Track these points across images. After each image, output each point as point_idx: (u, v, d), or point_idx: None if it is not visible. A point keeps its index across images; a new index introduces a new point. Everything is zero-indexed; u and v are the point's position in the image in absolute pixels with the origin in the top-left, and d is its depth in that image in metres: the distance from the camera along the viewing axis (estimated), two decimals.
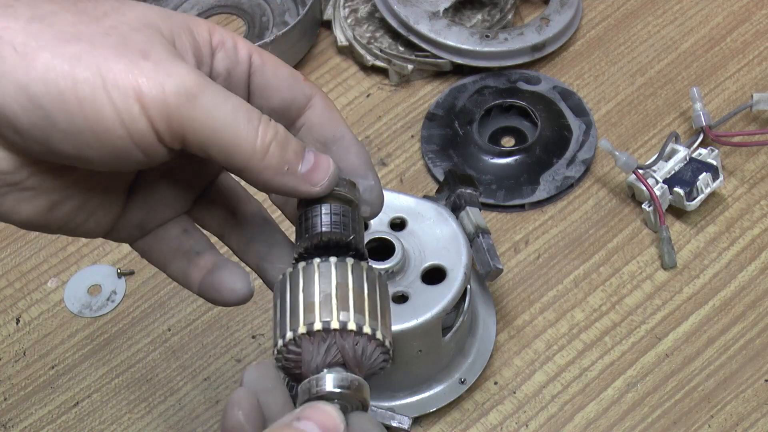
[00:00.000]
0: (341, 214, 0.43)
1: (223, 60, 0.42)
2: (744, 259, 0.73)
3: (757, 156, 0.78)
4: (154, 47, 0.38)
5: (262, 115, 0.40)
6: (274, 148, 0.39)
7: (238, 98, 0.39)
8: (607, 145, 0.74)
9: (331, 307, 0.39)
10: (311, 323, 0.39)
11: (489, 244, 0.67)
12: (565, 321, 0.71)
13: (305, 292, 0.40)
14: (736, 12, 0.87)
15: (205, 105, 0.38)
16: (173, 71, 0.37)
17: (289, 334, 0.39)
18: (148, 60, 0.37)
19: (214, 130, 0.38)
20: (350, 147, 0.44)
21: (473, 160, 0.79)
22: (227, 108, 0.38)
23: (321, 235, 0.42)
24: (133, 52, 0.37)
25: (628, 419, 0.67)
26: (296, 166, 0.40)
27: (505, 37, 0.83)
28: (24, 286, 0.76)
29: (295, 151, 0.40)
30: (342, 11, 0.87)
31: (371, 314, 0.40)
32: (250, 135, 0.39)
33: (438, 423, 0.68)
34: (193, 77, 0.38)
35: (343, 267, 0.41)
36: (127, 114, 0.37)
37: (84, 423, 0.70)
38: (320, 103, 0.44)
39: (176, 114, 0.37)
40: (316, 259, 0.41)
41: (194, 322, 0.74)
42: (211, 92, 0.38)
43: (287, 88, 0.43)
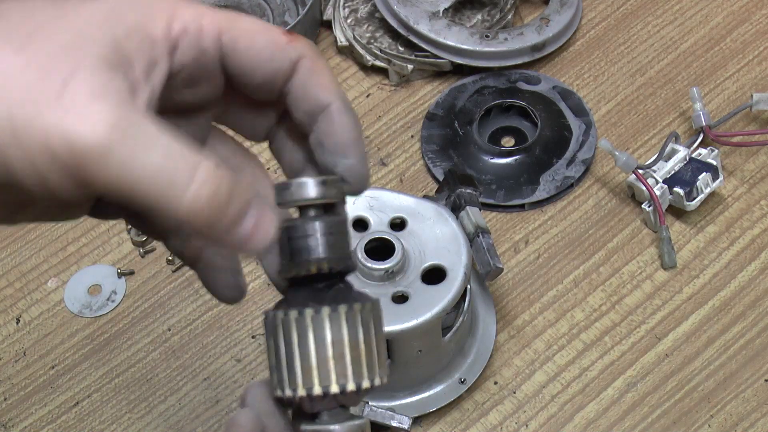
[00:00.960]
0: (333, 233, 0.40)
1: (188, 50, 0.38)
2: (744, 259, 0.73)
3: (757, 156, 0.78)
4: (75, 82, 0.33)
5: (202, 162, 0.34)
6: (207, 211, 0.35)
7: (170, 143, 0.34)
8: (607, 145, 0.74)
9: (328, 372, 0.39)
10: (310, 388, 0.39)
11: (489, 244, 0.67)
12: (565, 321, 0.71)
13: (301, 351, 0.39)
14: (736, 12, 0.87)
15: (118, 159, 0.33)
16: (86, 117, 0.33)
17: (288, 392, 0.39)
18: (60, 103, 0.33)
19: (129, 186, 0.33)
20: (335, 119, 0.40)
21: (473, 160, 0.79)
22: (150, 160, 0.33)
23: (316, 263, 0.40)
24: (49, 91, 0.33)
25: (628, 419, 0.67)
26: (229, 229, 0.36)
27: (505, 37, 0.83)
28: (24, 286, 0.76)
29: (234, 213, 0.35)
30: (342, 11, 0.87)
31: (369, 365, 0.40)
32: (175, 194, 0.34)
33: (438, 423, 0.68)
34: (105, 126, 0.33)
35: (337, 318, 0.39)
36: (35, 161, 0.33)
37: (84, 423, 0.70)
38: (305, 67, 0.40)
39: (84, 168, 0.33)
40: (309, 311, 0.39)
41: (194, 322, 0.74)
42: (129, 142, 0.33)
43: (267, 62, 0.39)
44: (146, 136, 0.34)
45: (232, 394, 0.70)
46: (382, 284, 0.63)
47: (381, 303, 0.62)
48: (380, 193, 0.67)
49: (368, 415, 0.65)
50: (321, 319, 0.39)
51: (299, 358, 0.39)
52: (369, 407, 0.65)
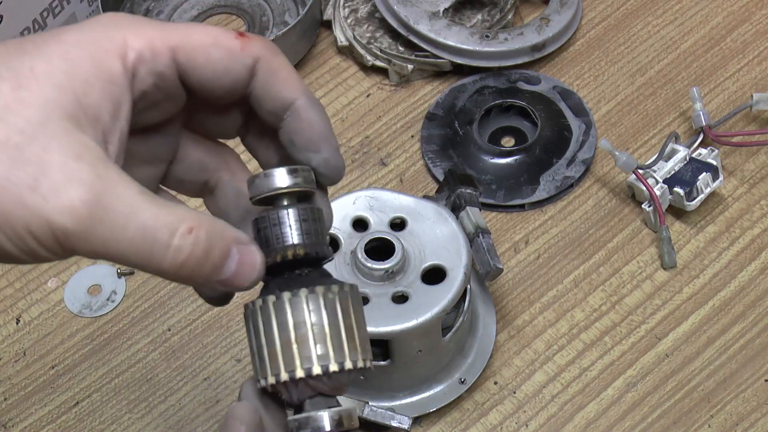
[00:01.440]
0: (307, 219, 0.40)
1: (146, 77, 0.38)
2: (744, 259, 0.73)
3: (757, 156, 0.78)
4: (48, 164, 0.35)
5: (179, 223, 0.36)
6: (187, 268, 0.37)
7: (149, 211, 0.36)
8: (607, 145, 0.74)
9: (310, 353, 0.39)
10: (292, 371, 0.39)
11: (489, 244, 0.67)
12: (565, 321, 0.71)
13: (281, 334, 0.39)
14: (736, 12, 0.87)
15: (100, 235, 0.35)
16: (63, 204, 0.34)
17: (271, 378, 0.39)
18: (36, 191, 0.34)
19: (112, 256, 0.36)
20: (303, 115, 0.41)
21: (473, 160, 0.79)
22: (129, 232, 0.35)
23: (291, 249, 0.40)
24: (23, 181, 0.34)
25: (628, 419, 0.67)
26: (213, 277, 0.38)
27: (505, 37, 0.83)
28: (24, 286, 0.76)
29: (214, 265, 0.37)
30: (342, 11, 0.87)
31: (350, 346, 0.39)
32: (156, 259, 0.36)
33: (438, 423, 0.68)
34: (85, 206, 0.35)
35: (315, 299, 0.39)
36: (23, 245, 0.35)
37: (84, 423, 0.70)
38: (263, 69, 0.40)
39: (69, 246, 0.35)
40: (286, 294, 0.39)
41: (194, 322, 0.74)
42: (110, 217, 0.35)
43: (224, 73, 0.39)
44: (124, 206, 0.35)
45: (232, 394, 0.70)
46: (382, 284, 0.63)
47: (381, 303, 0.62)
48: (380, 193, 0.67)
49: (368, 415, 0.65)
50: (299, 301, 0.39)
51: (279, 343, 0.39)
52: (369, 407, 0.65)
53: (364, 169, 0.80)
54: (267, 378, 0.39)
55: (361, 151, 0.81)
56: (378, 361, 0.65)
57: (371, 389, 0.67)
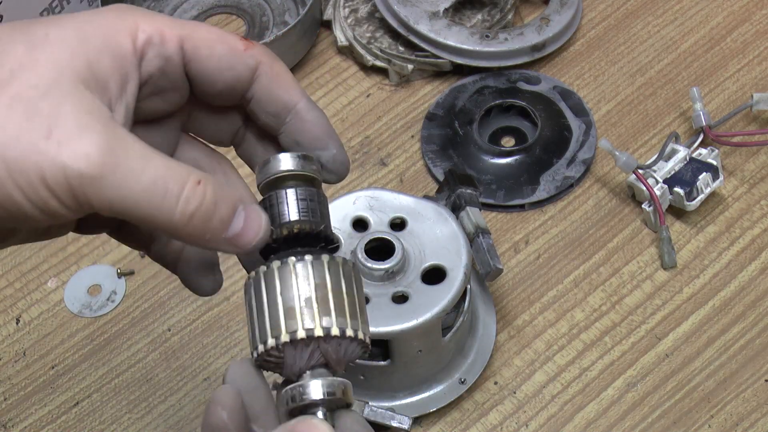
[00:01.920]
0: (308, 199, 0.41)
1: (153, 60, 0.40)
2: (744, 259, 0.73)
3: (757, 156, 0.78)
4: (62, 117, 0.36)
5: (188, 176, 0.37)
6: (196, 221, 0.38)
7: (157, 164, 0.37)
8: (607, 145, 0.74)
9: (313, 313, 0.39)
10: (294, 331, 0.38)
11: (489, 244, 0.67)
12: (565, 321, 0.71)
13: (283, 296, 0.39)
14: (736, 12, 0.87)
15: (112, 184, 0.36)
16: (77, 150, 0.35)
17: (270, 341, 0.39)
18: (50, 139, 0.35)
19: (125, 206, 0.36)
20: (306, 116, 0.42)
21: (473, 160, 0.79)
22: (142, 181, 0.36)
23: (291, 225, 0.40)
24: (38, 131, 0.35)
25: (628, 419, 0.67)
26: (221, 233, 0.38)
27: (505, 37, 0.83)
28: (24, 286, 0.76)
29: (220, 221, 0.38)
30: (342, 11, 0.87)
31: (351, 314, 0.40)
32: (167, 208, 0.37)
33: (438, 423, 0.68)
34: (97, 155, 0.35)
35: (320, 265, 0.39)
36: (36, 196, 0.36)
37: (84, 423, 0.70)
38: (266, 73, 0.42)
39: (82, 195, 0.36)
40: (291, 258, 0.39)
41: (194, 322, 0.74)
42: (122, 168, 0.36)
43: (227, 69, 0.41)
44: (136, 157, 0.37)
45: None
46: (382, 284, 0.63)
47: (381, 303, 0.62)
48: (380, 193, 0.67)
49: (368, 415, 0.65)
50: (305, 265, 0.39)
51: (282, 304, 0.39)
52: (369, 407, 0.65)
53: (364, 169, 0.80)
54: (266, 342, 0.39)
55: (361, 151, 0.81)
56: (378, 361, 0.65)
57: (371, 389, 0.67)
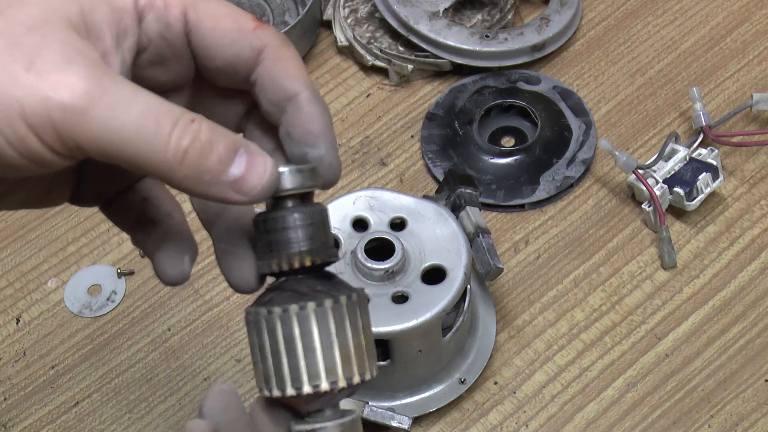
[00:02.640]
0: (312, 224, 0.39)
1: (154, 23, 0.38)
2: (744, 259, 0.73)
3: (757, 156, 0.78)
4: (46, 50, 0.34)
5: (181, 114, 0.35)
6: (192, 157, 0.34)
7: (147, 99, 0.34)
8: (607, 145, 0.74)
9: (318, 369, 0.38)
10: (299, 387, 0.38)
11: (489, 244, 0.67)
12: (565, 321, 0.71)
13: (288, 349, 0.38)
14: (736, 12, 0.87)
15: (99, 117, 0.33)
16: (60, 81, 0.33)
17: (276, 392, 0.38)
18: (31, 70, 0.33)
19: (113, 142, 0.34)
20: (303, 108, 0.39)
21: (473, 160, 0.79)
22: (129, 116, 0.34)
23: (300, 258, 0.38)
24: (19, 62, 0.33)
25: (628, 419, 0.67)
26: (220, 174, 0.35)
27: (505, 37, 0.83)
28: (24, 286, 0.76)
29: (218, 158, 0.35)
30: (342, 11, 0.87)
31: (359, 360, 0.39)
32: (159, 144, 0.34)
33: (438, 423, 0.68)
34: (82, 86, 0.33)
35: (323, 314, 0.38)
36: (13, 134, 0.33)
37: (84, 423, 0.70)
38: (271, 57, 0.39)
39: (66, 130, 0.33)
40: (293, 307, 0.38)
41: (194, 322, 0.74)
42: (108, 101, 0.33)
43: (229, 45, 0.39)
44: (123, 92, 0.34)
45: None
46: (382, 284, 0.63)
47: (381, 303, 0.62)
48: (380, 193, 0.67)
49: (368, 415, 0.65)
50: (306, 315, 0.38)
51: (286, 357, 0.38)
52: (369, 407, 0.65)
53: (364, 169, 0.80)
54: (272, 391, 0.38)
55: (361, 151, 0.81)
56: (378, 361, 0.65)
57: (371, 389, 0.67)
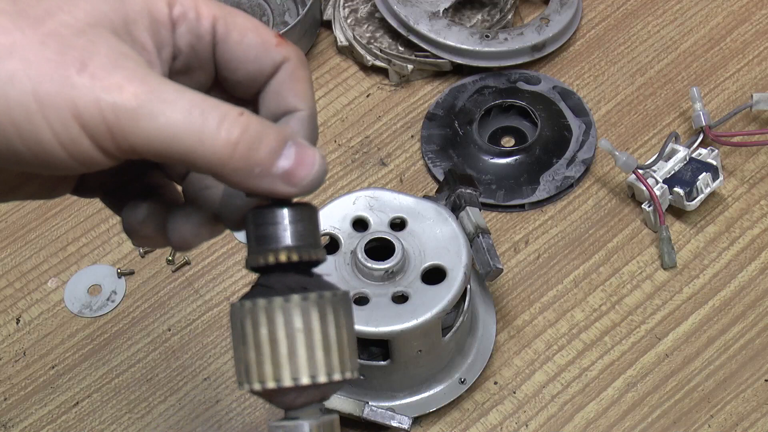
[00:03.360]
0: (301, 221, 0.39)
1: (185, 35, 0.39)
2: (744, 259, 0.73)
3: (757, 156, 0.78)
4: (96, 53, 0.35)
5: (228, 109, 0.36)
6: (242, 149, 0.35)
7: (193, 96, 0.35)
8: (607, 145, 0.74)
9: (298, 362, 0.38)
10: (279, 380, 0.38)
11: (489, 244, 0.67)
12: (565, 321, 0.71)
13: (270, 340, 0.38)
14: (736, 12, 0.87)
15: (150, 115, 0.34)
16: (111, 83, 0.34)
17: (256, 385, 0.38)
18: (84, 73, 0.34)
19: (164, 140, 0.35)
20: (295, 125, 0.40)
21: (473, 160, 0.79)
22: (178, 113, 0.35)
23: (287, 253, 0.39)
24: (71, 65, 0.34)
25: (628, 419, 0.67)
26: (270, 166, 0.36)
27: (505, 37, 0.83)
28: (24, 286, 0.76)
29: (269, 150, 0.36)
30: (342, 11, 0.87)
31: (340, 356, 0.39)
32: (209, 138, 0.35)
33: (438, 423, 0.68)
34: (132, 87, 0.34)
35: (307, 307, 0.38)
36: (66, 135, 0.34)
37: (84, 423, 0.70)
38: (286, 71, 0.40)
39: (119, 130, 0.34)
40: (278, 299, 0.38)
41: (194, 322, 0.74)
42: (157, 99, 0.34)
43: (253, 59, 0.40)
44: (170, 91, 0.35)
45: (232, 394, 0.70)
46: (382, 284, 0.63)
47: (381, 303, 0.62)
48: (380, 193, 0.67)
49: (368, 415, 0.65)
50: (290, 308, 0.38)
51: (268, 349, 0.38)
52: (369, 407, 0.65)
53: (364, 169, 0.80)
54: (252, 384, 0.38)
55: (361, 151, 0.81)
56: (378, 361, 0.65)
57: (371, 389, 0.67)
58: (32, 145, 0.34)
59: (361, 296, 0.63)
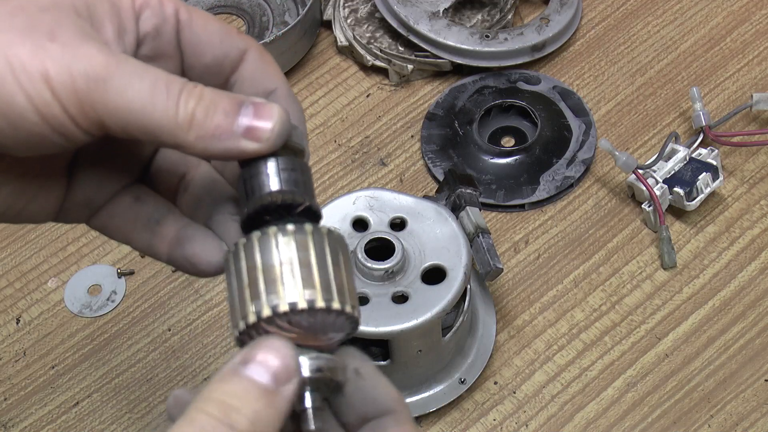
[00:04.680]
0: (291, 169, 0.38)
1: (150, 18, 0.40)
2: (744, 259, 0.73)
3: (757, 156, 0.78)
4: (63, 27, 0.36)
5: (185, 82, 0.37)
6: (200, 115, 0.36)
7: (157, 72, 0.37)
8: (607, 145, 0.74)
9: (296, 285, 0.36)
10: (276, 305, 0.36)
11: (489, 244, 0.67)
12: (565, 321, 0.71)
13: (264, 268, 0.36)
14: (736, 12, 0.87)
15: (117, 87, 0.36)
16: (81, 53, 0.35)
17: (251, 317, 0.36)
18: (54, 42, 0.35)
19: (129, 111, 0.36)
20: (280, 99, 0.41)
21: (473, 160, 0.79)
22: (143, 86, 0.36)
23: (271, 195, 0.38)
24: (41, 34, 0.35)
25: (628, 419, 0.67)
26: (230, 126, 0.37)
27: (505, 37, 0.83)
28: (24, 286, 0.76)
29: (225, 111, 0.37)
30: (342, 11, 0.87)
31: (338, 287, 0.37)
32: (170, 108, 0.36)
33: (438, 423, 0.68)
34: (102, 58, 0.36)
35: (303, 235, 0.37)
36: (39, 99, 0.35)
37: (84, 423, 0.70)
38: (253, 56, 0.41)
39: (87, 99, 0.35)
40: (272, 228, 0.37)
41: (194, 322, 0.74)
42: (124, 72, 0.36)
43: (218, 43, 0.41)
44: (136, 65, 0.36)
45: None
46: (382, 284, 0.63)
47: (381, 303, 0.62)
48: (380, 193, 0.67)
49: None
50: (287, 235, 0.37)
51: (263, 277, 0.36)
52: None
53: (364, 169, 0.80)
54: (248, 317, 0.36)
55: (361, 151, 0.81)
56: (378, 361, 0.65)
57: None
58: (5, 109, 0.35)
59: (361, 296, 0.63)
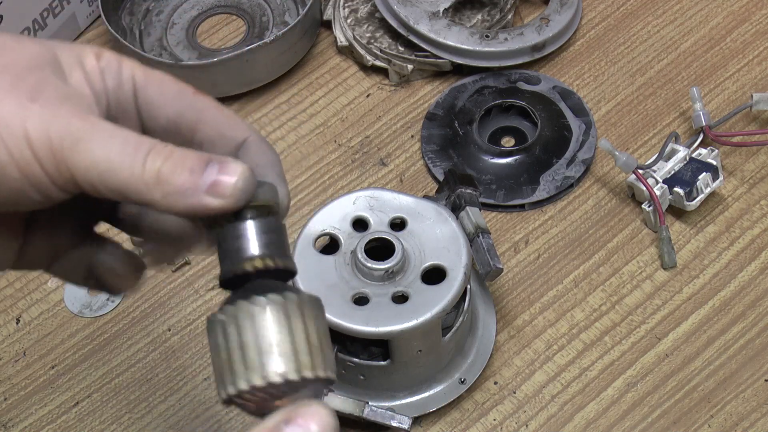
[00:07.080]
0: (267, 233, 0.40)
1: (110, 81, 0.41)
2: (744, 259, 0.73)
3: (757, 156, 0.78)
4: (44, 88, 0.38)
5: (156, 142, 0.38)
6: (166, 172, 0.38)
7: (128, 133, 0.38)
8: (607, 145, 0.74)
9: (287, 357, 0.38)
10: (266, 375, 0.38)
11: (489, 244, 0.67)
12: (565, 321, 0.71)
13: (256, 338, 0.38)
14: (736, 12, 0.87)
15: (87, 147, 0.37)
16: (59, 114, 0.37)
17: (242, 384, 0.38)
18: (35, 102, 0.37)
19: (98, 170, 0.37)
20: (252, 147, 0.42)
21: (473, 160, 0.79)
22: (112, 146, 0.37)
23: (253, 261, 0.39)
24: (23, 94, 0.37)
25: (628, 419, 0.67)
26: (195, 182, 0.38)
27: (505, 37, 0.83)
28: (24, 286, 0.76)
29: (191, 168, 0.38)
30: (342, 11, 0.87)
31: (312, 355, 0.38)
32: (136, 167, 0.37)
33: (438, 423, 0.68)
34: (77, 120, 0.37)
35: (275, 310, 0.38)
36: (20, 156, 0.37)
37: (84, 423, 0.70)
38: (212, 114, 0.42)
39: (61, 158, 0.37)
40: (261, 299, 0.38)
41: (194, 322, 0.74)
42: (97, 133, 0.37)
43: (171, 104, 0.42)
44: (108, 128, 0.38)
45: None
46: (382, 284, 0.63)
47: (381, 303, 0.62)
48: (380, 193, 0.67)
49: (368, 415, 0.65)
50: (274, 307, 0.38)
51: (239, 353, 0.38)
52: (369, 407, 0.65)
53: (364, 169, 0.80)
54: (227, 388, 0.38)
55: (361, 151, 0.81)
56: (378, 361, 0.65)
57: (371, 389, 0.67)
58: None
59: (361, 296, 0.63)
